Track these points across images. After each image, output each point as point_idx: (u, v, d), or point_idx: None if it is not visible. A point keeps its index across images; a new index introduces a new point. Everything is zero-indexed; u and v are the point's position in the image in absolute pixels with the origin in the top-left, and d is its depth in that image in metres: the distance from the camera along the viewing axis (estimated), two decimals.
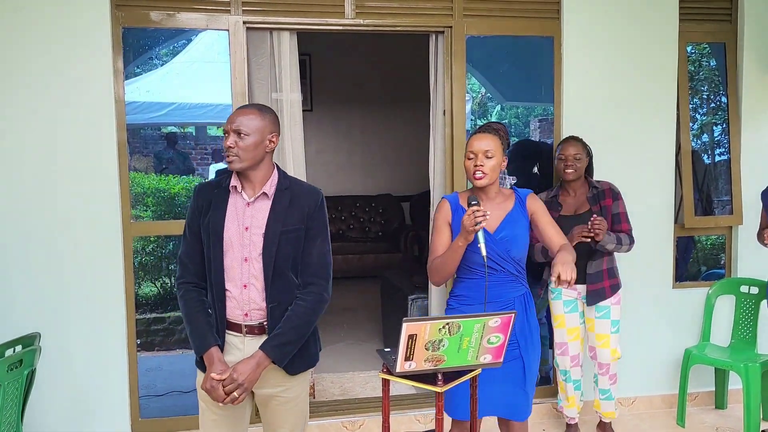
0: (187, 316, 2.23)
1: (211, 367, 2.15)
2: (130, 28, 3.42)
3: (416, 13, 3.62)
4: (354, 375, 4.48)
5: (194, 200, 2.28)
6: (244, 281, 2.19)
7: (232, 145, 2.16)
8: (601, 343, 3.40)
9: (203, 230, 2.22)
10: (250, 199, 2.21)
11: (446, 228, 2.59)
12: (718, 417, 3.93)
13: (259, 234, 2.19)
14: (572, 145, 3.37)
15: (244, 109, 2.23)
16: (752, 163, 4.04)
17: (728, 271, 4.16)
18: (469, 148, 2.53)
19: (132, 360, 3.46)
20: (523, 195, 2.62)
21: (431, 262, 2.56)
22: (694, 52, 4.39)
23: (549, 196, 3.42)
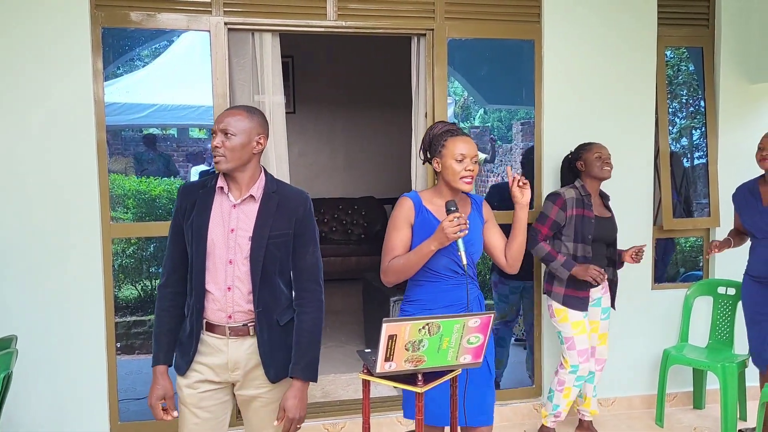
0: (155, 326, 2.27)
1: (154, 387, 2.21)
2: (109, 29, 3.39)
3: (398, 15, 3.63)
4: (336, 377, 4.47)
5: (178, 201, 2.25)
6: (228, 283, 2.18)
7: (219, 145, 2.14)
8: (602, 341, 3.55)
9: (186, 231, 2.20)
10: (237, 201, 2.20)
11: (406, 227, 2.48)
12: (696, 417, 3.98)
13: (246, 237, 2.18)
14: (604, 146, 3.45)
15: (232, 110, 2.22)
16: (729, 166, 4.10)
17: (706, 272, 4.22)
18: (457, 150, 2.44)
19: (111, 363, 3.43)
20: (479, 200, 2.63)
21: (388, 261, 2.46)
22: (672, 56, 4.44)
23: (579, 195, 3.38)
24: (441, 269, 2.48)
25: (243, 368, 2.23)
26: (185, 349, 2.23)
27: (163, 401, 2.20)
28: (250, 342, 2.22)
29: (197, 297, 2.19)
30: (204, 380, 2.23)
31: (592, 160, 3.42)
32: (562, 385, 3.46)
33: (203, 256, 2.17)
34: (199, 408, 2.23)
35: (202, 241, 2.17)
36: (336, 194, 8.32)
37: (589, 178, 3.44)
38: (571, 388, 3.46)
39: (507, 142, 9.29)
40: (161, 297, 2.26)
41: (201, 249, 2.17)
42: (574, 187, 3.42)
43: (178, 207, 2.25)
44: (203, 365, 2.22)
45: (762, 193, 3.42)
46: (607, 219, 3.48)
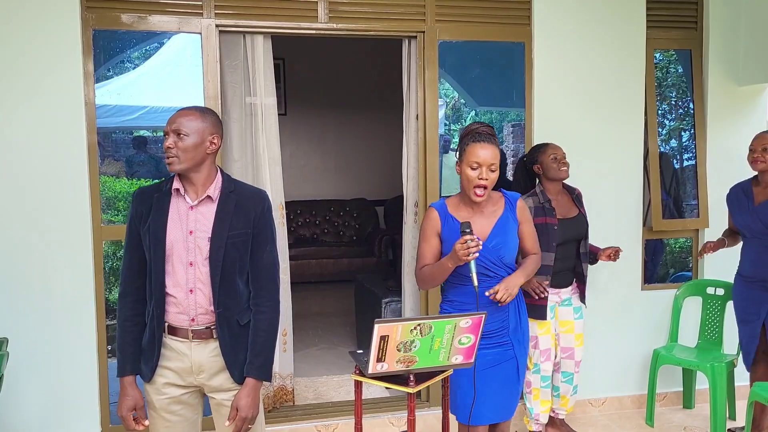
0: (118, 336, 2.23)
1: (124, 398, 2.20)
2: (100, 31, 3.38)
3: (389, 18, 3.64)
4: (328, 379, 4.47)
5: (133, 206, 2.21)
6: (190, 286, 2.16)
7: (172, 146, 2.11)
8: (578, 342, 3.50)
9: (143, 235, 2.17)
10: (194, 203, 2.17)
11: (435, 238, 2.52)
12: (686, 416, 4.01)
13: (205, 238, 2.15)
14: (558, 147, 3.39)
15: (184, 110, 2.18)
16: (718, 168, 4.13)
17: (695, 273, 4.25)
18: (472, 157, 2.40)
19: (102, 366, 3.41)
20: (513, 199, 2.60)
21: (419, 269, 2.56)
22: (661, 59, 4.48)
23: (538, 202, 3.32)
24: (468, 272, 2.44)
25: (207, 371, 2.21)
26: (148, 355, 2.20)
27: (134, 411, 2.19)
28: (213, 345, 2.20)
29: (158, 301, 2.16)
30: (170, 384, 2.21)
31: (548, 162, 3.35)
32: (529, 386, 3.46)
33: (162, 260, 2.14)
34: (169, 412, 2.22)
35: (161, 244, 2.14)
36: (328, 196, 8.32)
37: (548, 181, 3.39)
38: (539, 389, 3.44)
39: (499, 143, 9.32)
40: (122, 306, 2.23)
41: (160, 252, 2.14)
42: (534, 195, 3.35)
43: (133, 213, 2.21)
44: (168, 369, 2.20)
45: (755, 194, 3.46)
46: (573, 218, 3.39)
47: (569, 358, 3.49)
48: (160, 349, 2.19)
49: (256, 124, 3.60)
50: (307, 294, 6.28)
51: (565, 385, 3.54)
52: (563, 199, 3.43)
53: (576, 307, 3.49)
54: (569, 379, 3.53)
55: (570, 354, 3.48)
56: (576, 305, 3.50)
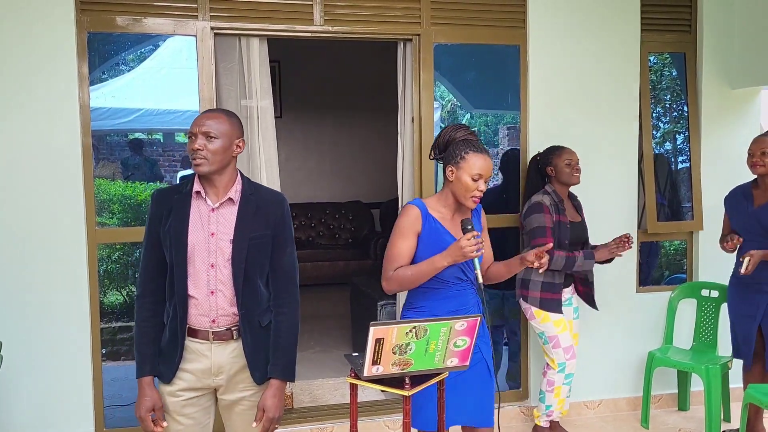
0: (136, 337, 2.23)
1: (142, 399, 2.17)
2: (95, 33, 3.38)
3: (384, 20, 3.65)
4: (323, 382, 4.47)
5: (153, 208, 2.22)
6: (211, 288, 2.17)
7: (201, 148, 2.12)
8: (576, 341, 3.56)
9: (164, 237, 2.18)
10: (215, 205, 2.19)
11: (413, 237, 2.46)
12: (681, 418, 4.02)
13: (227, 240, 2.17)
14: (573, 152, 3.46)
15: (211, 113, 2.21)
16: (712, 170, 4.15)
17: (690, 275, 4.26)
18: (476, 169, 2.40)
19: (97, 369, 3.40)
20: (478, 208, 2.62)
21: (393, 270, 2.44)
22: (656, 62, 4.50)
23: (553, 201, 3.38)
24: (448, 277, 2.46)
25: (227, 372, 2.22)
26: (169, 356, 2.20)
27: (152, 412, 2.18)
28: (234, 346, 2.22)
29: (180, 303, 2.17)
30: (187, 388, 2.21)
31: (562, 167, 3.41)
32: (552, 385, 3.48)
33: (184, 262, 2.16)
34: (182, 415, 2.22)
35: (182, 246, 2.15)
36: (323, 199, 8.32)
37: (559, 184, 3.45)
38: (561, 387, 3.49)
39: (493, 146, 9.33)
40: (141, 307, 2.22)
41: (181, 254, 2.15)
42: (547, 193, 3.42)
43: (153, 214, 2.21)
44: (186, 372, 2.20)
45: (754, 196, 3.47)
46: (578, 223, 3.50)
47: (572, 358, 3.51)
48: (182, 350, 2.19)
49: (252, 127, 3.60)
50: (302, 297, 6.21)
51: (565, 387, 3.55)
52: (569, 203, 3.51)
53: (575, 307, 3.57)
54: (570, 381, 3.54)
55: (572, 354, 3.51)
56: (575, 305, 3.57)
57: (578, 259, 3.32)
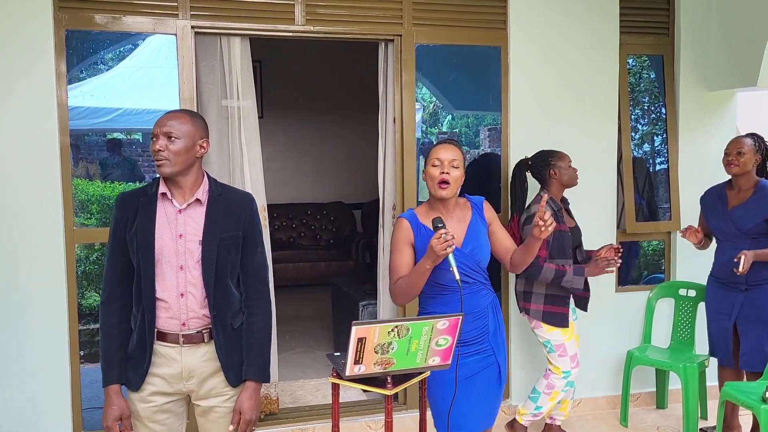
0: (102, 344, 2.19)
1: (109, 408, 2.14)
2: (73, 31, 3.34)
3: (366, 21, 3.65)
4: (305, 382, 4.46)
5: (118, 210, 2.19)
6: (180, 290, 2.14)
7: (162, 149, 2.09)
8: (578, 344, 3.51)
9: (130, 240, 2.14)
10: (182, 206, 2.16)
11: (407, 248, 2.50)
12: (659, 416, 4.06)
13: (196, 241, 2.15)
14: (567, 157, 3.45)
15: (174, 113, 2.18)
16: (689, 171, 4.21)
17: (667, 275, 4.31)
18: (434, 156, 2.48)
19: (74, 371, 3.36)
20: (479, 202, 2.63)
21: (394, 283, 2.49)
22: (635, 64, 4.55)
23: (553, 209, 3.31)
24: (447, 282, 2.47)
25: (198, 377, 2.19)
26: (137, 362, 2.16)
27: (120, 421, 2.15)
28: (204, 349, 2.19)
29: (148, 306, 2.14)
30: (157, 392, 2.18)
31: (568, 169, 3.41)
32: (552, 389, 3.44)
33: (152, 264, 2.12)
34: (154, 422, 2.19)
35: (150, 248, 2.12)
36: (305, 199, 8.30)
37: (558, 186, 3.42)
38: (560, 393, 3.46)
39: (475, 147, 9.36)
40: (107, 313, 2.18)
41: (149, 257, 2.12)
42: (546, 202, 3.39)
43: (117, 217, 2.18)
44: (156, 377, 2.17)
45: (728, 197, 3.52)
46: (574, 228, 3.47)
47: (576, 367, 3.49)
48: (151, 355, 2.15)
49: (233, 127, 3.58)
50: (284, 298, 6.22)
51: (568, 389, 3.51)
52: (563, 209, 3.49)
53: (573, 308, 3.51)
54: (569, 388, 3.51)
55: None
56: (572, 306, 3.51)
57: (567, 274, 3.23)
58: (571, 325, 3.40)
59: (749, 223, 3.39)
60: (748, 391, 3.20)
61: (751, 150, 3.41)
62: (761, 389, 3.11)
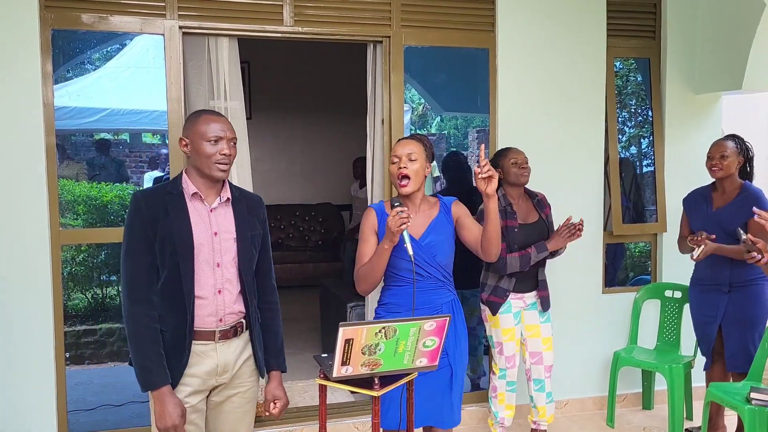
0: (141, 347, 2.10)
1: (169, 407, 2.07)
2: (59, 31, 3.32)
3: (355, 22, 3.65)
4: (292, 384, 4.44)
5: (145, 210, 2.12)
6: (218, 287, 2.19)
7: (230, 153, 2.18)
8: (546, 346, 3.50)
9: (161, 239, 2.11)
10: (214, 205, 2.21)
11: (373, 236, 2.60)
12: (646, 417, 4.09)
13: (230, 239, 2.21)
14: (520, 152, 3.42)
15: (223, 117, 2.24)
16: (675, 174, 4.24)
17: (654, 276, 4.34)
18: (393, 153, 2.60)
19: (60, 373, 3.33)
20: (448, 202, 2.68)
21: (357, 269, 2.59)
22: (622, 67, 4.58)
23: (500, 206, 3.32)
24: (402, 272, 2.54)
25: (231, 370, 2.24)
26: (174, 361, 2.13)
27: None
28: (237, 343, 2.24)
29: (187, 304, 2.13)
30: (193, 392, 2.18)
31: (508, 167, 3.39)
32: (495, 391, 3.48)
33: (192, 262, 2.14)
34: (188, 423, 2.17)
35: (189, 247, 2.13)
36: (293, 201, 8.29)
37: (508, 185, 3.42)
38: (505, 394, 3.47)
39: (463, 149, 9.39)
40: (140, 314, 2.10)
41: (188, 255, 2.13)
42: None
43: (144, 217, 2.11)
44: (192, 377, 2.17)
45: (713, 199, 3.55)
46: (533, 224, 3.42)
47: (538, 363, 3.47)
48: (189, 355, 2.16)
49: None
50: None
51: (537, 394, 3.49)
52: (524, 204, 3.46)
53: (540, 311, 3.49)
54: (541, 387, 3.49)
55: (538, 359, 3.47)
56: (540, 309, 3.51)
57: (532, 255, 3.30)
58: (513, 329, 3.41)
59: (733, 225, 3.41)
60: (733, 391, 3.23)
61: (734, 152, 3.44)
62: (746, 390, 3.14)
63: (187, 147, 2.18)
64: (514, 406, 3.54)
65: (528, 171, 3.42)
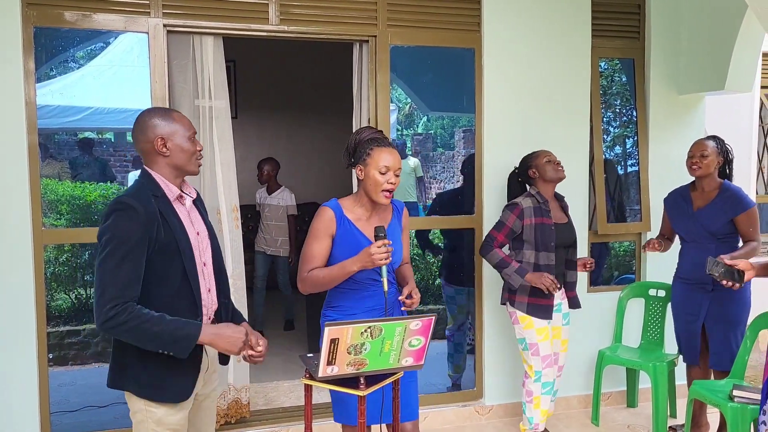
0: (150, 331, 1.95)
1: (223, 336, 2.04)
2: (42, 28, 3.28)
3: (341, 21, 3.64)
4: (278, 384, 4.43)
5: (143, 215, 1.99)
6: (208, 285, 2.20)
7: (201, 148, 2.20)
8: (564, 347, 3.55)
9: (162, 245, 2.03)
10: (189, 205, 2.20)
11: (328, 239, 2.48)
12: (630, 415, 4.12)
13: (206, 238, 2.23)
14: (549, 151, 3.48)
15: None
16: (659, 174, 4.27)
17: (638, 275, 4.38)
18: (382, 162, 2.43)
19: (43, 374, 3.30)
20: (400, 207, 2.67)
21: (307, 272, 2.47)
22: (606, 67, 4.61)
23: (536, 203, 3.37)
24: (364, 279, 2.50)
25: (213, 366, 2.26)
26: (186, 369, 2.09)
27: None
28: None
29: (198, 306, 2.12)
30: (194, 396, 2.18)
31: (543, 165, 3.42)
32: (531, 395, 3.45)
33: (195, 266, 2.12)
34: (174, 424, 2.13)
35: (190, 248, 2.11)
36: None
37: (544, 183, 3.43)
38: (541, 397, 3.45)
39: (449, 149, 9.41)
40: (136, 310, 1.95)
41: (192, 258, 2.11)
42: (531, 196, 3.41)
43: (143, 221, 1.99)
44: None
45: (693, 199, 3.58)
46: (564, 224, 3.49)
47: (554, 363, 3.50)
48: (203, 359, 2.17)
49: (205, 127, 3.55)
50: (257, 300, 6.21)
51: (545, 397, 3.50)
52: (554, 205, 3.50)
53: (565, 313, 3.54)
54: (549, 389, 3.49)
55: (555, 359, 3.51)
56: (565, 311, 3.54)
57: (510, 267, 3.32)
58: (547, 328, 3.42)
59: (716, 224, 3.45)
60: (716, 389, 3.26)
61: (714, 152, 3.48)
62: (728, 387, 3.17)
63: (166, 146, 2.10)
64: (546, 410, 3.50)
65: (563, 167, 3.47)
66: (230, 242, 3.61)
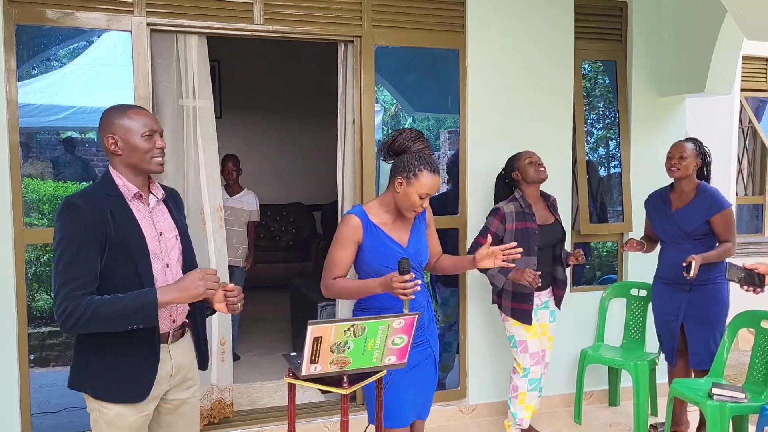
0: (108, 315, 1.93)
1: (183, 288, 1.98)
2: (24, 26, 3.25)
3: (325, 21, 3.64)
4: (262, 384, 4.43)
5: (88, 215, 1.96)
6: None
7: (164, 146, 2.11)
8: (550, 344, 3.60)
9: (112, 245, 1.98)
10: (152, 205, 2.14)
11: (353, 246, 2.47)
12: (612, 413, 4.16)
13: (172, 238, 2.16)
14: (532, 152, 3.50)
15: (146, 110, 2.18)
16: (641, 175, 4.32)
17: (620, 275, 4.42)
18: (424, 189, 2.41)
19: (24, 376, 3.27)
20: None
21: (331, 279, 2.48)
22: (589, 69, 4.65)
23: (519, 207, 3.40)
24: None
25: (182, 372, 2.20)
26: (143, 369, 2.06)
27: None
28: (185, 342, 2.23)
29: None
30: (153, 398, 2.13)
31: (525, 166, 3.45)
32: (516, 391, 3.50)
33: (150, 267, 2.06)
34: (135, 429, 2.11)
35: (145, 251, 2.04)
36: (264, 201, 8.15)
37: (527, 185, 3.47)
38: (526, 393, 3.50)
39: (435, 150, 9.43)
40: (91, 300, 1.93)
41: (144, 257, 2.04)
42: (514, 200, 3.44)
43: (89, 221, 1.96)
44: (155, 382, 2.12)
45: (672, 200, 3.63)
46: (550, 225, 3.51)
47: (542, 360, 3.55)
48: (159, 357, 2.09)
49: (190, 127, 3.53)
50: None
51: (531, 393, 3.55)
52: (540, 206, 3.53)
53: (552, 311, 3.59)
54: (536, 386, 3.55)
55: (543, 356, 3.55)
56: (552, 308, 3.59)
57: (492, 269, 3.28)
58: (535, 326, 3.46)
59: (692, 225, 3.49)
60: (696, 387, 3.30)
61: (693, 154, 3.52)
62: (708, 386, 3.22)
63: (117, 144, 2.05)
64: (533, 406, 3.56)
65: (545, 168, 3.49)
66: (214, 243, 3.60)
